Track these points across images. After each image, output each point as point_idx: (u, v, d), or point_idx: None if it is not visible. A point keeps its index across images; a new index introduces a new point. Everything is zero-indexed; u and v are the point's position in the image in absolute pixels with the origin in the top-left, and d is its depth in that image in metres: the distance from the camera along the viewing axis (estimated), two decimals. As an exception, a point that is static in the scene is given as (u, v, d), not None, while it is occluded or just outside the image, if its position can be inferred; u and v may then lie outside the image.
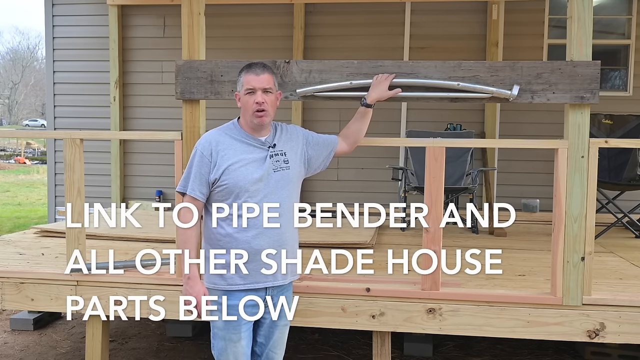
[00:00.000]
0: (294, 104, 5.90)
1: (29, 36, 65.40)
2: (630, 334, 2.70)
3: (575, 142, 2.62)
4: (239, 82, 2.27)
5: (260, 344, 2.34)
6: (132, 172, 6.34)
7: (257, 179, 2.18)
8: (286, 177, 2.26)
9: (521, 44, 5.72)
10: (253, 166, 2.20)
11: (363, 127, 2.59)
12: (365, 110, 2.57)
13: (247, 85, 2.21)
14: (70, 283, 3.05)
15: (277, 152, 2.27)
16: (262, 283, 2.22)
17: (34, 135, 21.22)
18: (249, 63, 2.27)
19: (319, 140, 2.47)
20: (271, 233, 2.20)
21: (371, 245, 4.02)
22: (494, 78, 2.65)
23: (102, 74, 6.22)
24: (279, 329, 2.35)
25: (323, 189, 5.98)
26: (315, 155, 2.43)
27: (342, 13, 5.94)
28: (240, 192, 2.16)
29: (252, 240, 2.17)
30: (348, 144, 2.57)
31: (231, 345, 2.22)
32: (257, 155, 2.23)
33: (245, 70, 2.24)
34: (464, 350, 3.92)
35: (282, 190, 2.24)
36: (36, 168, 21.67)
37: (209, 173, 2.19)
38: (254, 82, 2.20)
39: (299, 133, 2.43)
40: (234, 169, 2.18)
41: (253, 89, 2.20)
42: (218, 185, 2.19)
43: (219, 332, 2.24)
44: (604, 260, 3.74)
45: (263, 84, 2.20)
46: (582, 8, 2.58)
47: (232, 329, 2.21)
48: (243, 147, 2.23)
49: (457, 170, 5.07)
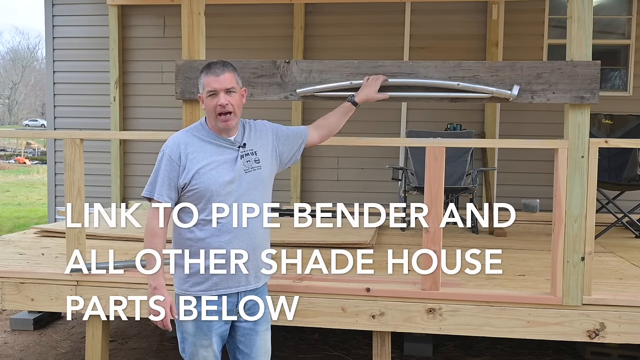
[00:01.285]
0: (294, 104, 5.90)
1: (29, 36, 65.43)
2: (630, 334, 2.70)
3: (575, 142, 2.62)
4: (199, 83, 2.15)
5: (242, 352, 2.24)
6: (132, 172, 6.34)
7: (228, 181, 2.10)
8: (258, 178, 2.17)
9: (521, 44, 5.72)
10: (224, 168, 2.11)
11: (341, 122, 2.50)
12: (350, 107, 2.50)
13: (207, 87, 2.10)
14: (70, 283, 3.05)
15: (247, 152, 2.17)
16: (234, 288, 2.14)
17: (34, 135, 21.20)
18: (208, 63, 2.16)
19: (289, 134, 2.36)
20: (245, 236, 2.12)
21: (371, 245, 4.02)
22: (494, 78, 2.65)
23: (102, 74, 6.22)
24: (259, 335, 2.23)
25: (323, 189, 5.98)
26: (285, 150, 2.33)
27: (342, 13, 5.94)
28: (212, 196, 2.08)
29: (226, 244, 2.10)
30: (320, 136, 2.46)
31: (202, 350, 2.15)
32: (228, 156, 2.14)
33: (204, 71, 2.13)
34: (464, 350, 3.92)
35: (255, 191, 2.16)
36: (36, 168, 21.67)
37: (178, 177, 2.09)
38: (214, 83, 2.08)
39: (267, 129, 2.31)
40: (204, 172, 2.08)
41: (215, 91, 2.08)
42: (188, 190, 2.09)
43: (190, 337, 2.16)
44: (604, 260, 3.74)
45: (225, 84, 2.09)
46: (582, 8, 2.58)
47: (203, 334, 2.14)
48: (213, 149, 2.14)
49: (457, 170, 5.07)
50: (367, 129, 5.36)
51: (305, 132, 2.42)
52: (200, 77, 2.15)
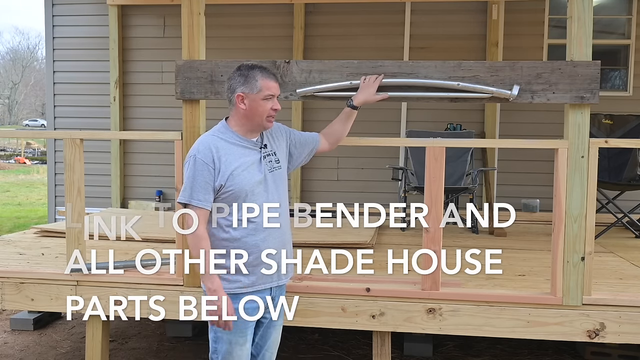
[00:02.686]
0: (294, 104, 5.90)
1: (29, 36, 65.43)
2: (630, 334, 2.70)
3: (575, 142, 2.62)
4: (251, 84, 2.18)
5: (256, 344, 2.34)
6: (132, 172, 6.34)
7: (258, 181, 2.19)
8: (280, 177, 2.28)
9: (521, 44, 5.72)
10: (253, 169, 2.20)
11: (346, 128, 2.58)
12: (351, 111, 2.56)
13: (268, 90, 2.18)
14: (70, 283, 3.05)
15: (268, 153, 2.27)
16: (267, 284, 2.24)
17: (34, 135, 21.22)
18: (257, 65, 2.23)
19: (301, 139, 2.46)
20: (275, 234, 2.22)
21: (371, 245, 4.02)
22: (494, 78, 2.65)
23: (102, 74, 6.22)
24: (275, 329, 2.37)
25: (323, 189, 5.98)
26: (297, 153, 2.44)
27: (342, 13, 5.94)
28: (247, 196, 2.16)
29: (261, 243, 2.18)
30: (329, 143, 2.56)
31: (237, 348, 2.20)
32: (253, 157, 2.22)
33: (260, 74, 2.19)
34: (464, 350, 3.92)
35: (279, 190, 2.26)
36: (36, 168, 21.66)
37: (214, 180, 2.15)
38: (274, 88, 2.21)
39: (282, 130, 2.42)
40: (238, 173, 2.16)
41: (273, 95, 2.21)
42: (223, 192, 2.16)
43: (225, 336, 2.20)
44: (604, 260, 3.74)
45: (279, 90, 2.25)
46: (582, 8, 2.58)
47: (240, 332, 2.20)
48: (240, 151, 2.21)
49: (457, 170, 5.07)
50: (367, 129, 5.35)
51: (317, 139, 2.52)
52: (256, 78, 2.18)
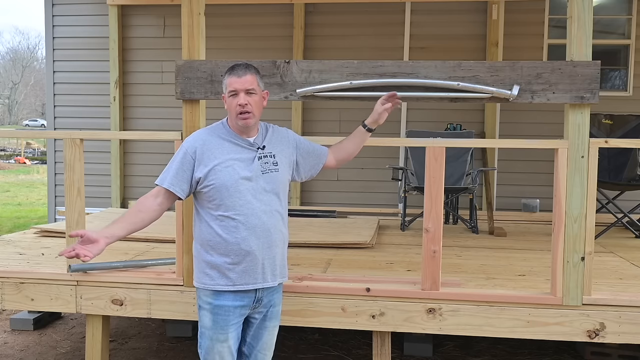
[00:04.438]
0: (294, 104, 5.90)
1: (29, 36, 65.75)
2: (630, 334, 2.70)
3: (575, 142, 2.63)
4: (223, 84, 2.25)
5: (248, 344, 2.34)
6: (132, 172, 6.34)
7: (244, 177, 2.17)
8: (275, 180, 2.25)
9: (521, 44, 5.72)
10: (240, 166, 2.19)
11: (357, 149, 2.57)
12: (364, 133, 2.55)
13: (229, 87, 2.19)
14: (70, 283, 3.05)
15: (266, 154, 2.25)
16: (251, 285, 2.21)
17: (34, 135, 21.15)
18: (232, 65, 2.26)
19: (309, 149, 2.45)
20: (260, 234, 2.19)
21: (371, 245, 4.03)
22: (494, 78, 2.65)
23: (102, 74, 6.23)
24: (267, 331, 2.34)
25: (323, 189, 5.98)
26: (303, 163, 2.42)
27: (342, 13, 5.94)
28: (228, 192, 2.15)
29: (241, 241, 2.17)
30: (337, 160, 2.55)
31: (218, 344, 2.21)
32: (245, 155, 2.22)
33: (228, 73, 2.22)
34: (464, 350, 3.92)
35: (271, 192, 2.23)
36: (36, 168, 21.67)
37: (192, 171, 2.19)
38: (236, 84, 2.18)
39: (289, 137, 2.41)
40: (220, 168, 2.17)
41: (235, 91, 2.18)
42: (205, 185, 2.17)
43: (207, 332, 2.23)
44: (604, 260, 3.74)
45: (245, 85, 2.18)
46: (582, 8, 2.58)
47: (220, 328, 2.20)
48: (231, 147, 2.22)
49: (457, 170, 5.07)
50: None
51: (326, 153, 2.51)
52: (224, 78, 2.24)
